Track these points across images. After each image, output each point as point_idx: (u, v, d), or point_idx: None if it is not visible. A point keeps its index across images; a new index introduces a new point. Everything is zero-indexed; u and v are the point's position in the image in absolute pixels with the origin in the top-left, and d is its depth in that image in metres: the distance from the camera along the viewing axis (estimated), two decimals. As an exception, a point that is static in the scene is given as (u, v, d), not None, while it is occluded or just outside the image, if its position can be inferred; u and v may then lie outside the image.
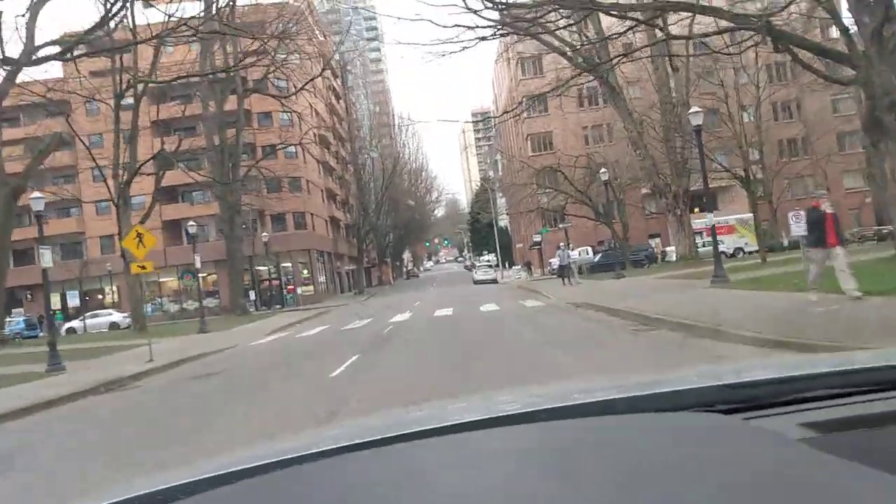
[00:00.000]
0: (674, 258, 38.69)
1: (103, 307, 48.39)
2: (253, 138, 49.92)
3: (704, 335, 9.15)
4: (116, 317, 39.25)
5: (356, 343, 14.70)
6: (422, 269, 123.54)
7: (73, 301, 49.70)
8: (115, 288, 50.62)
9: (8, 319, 41.02)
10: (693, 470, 0.79)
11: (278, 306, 47.68)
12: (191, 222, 27.65)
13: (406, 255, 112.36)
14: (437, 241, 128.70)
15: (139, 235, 16.91)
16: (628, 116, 29.03)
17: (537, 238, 48.43)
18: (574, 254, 25.34)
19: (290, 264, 50.67)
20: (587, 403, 1.15)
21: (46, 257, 16.65)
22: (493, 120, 39.77)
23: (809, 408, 1.06)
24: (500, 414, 1.11)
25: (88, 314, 40.88)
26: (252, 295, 39.71)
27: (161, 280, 51.21)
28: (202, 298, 27.54)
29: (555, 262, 41.58)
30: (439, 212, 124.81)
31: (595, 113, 50.19)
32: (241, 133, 37.08)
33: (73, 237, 50.75)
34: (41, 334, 41.28)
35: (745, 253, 41.79)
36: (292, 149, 50.67)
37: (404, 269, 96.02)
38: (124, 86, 27.81)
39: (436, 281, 65.58)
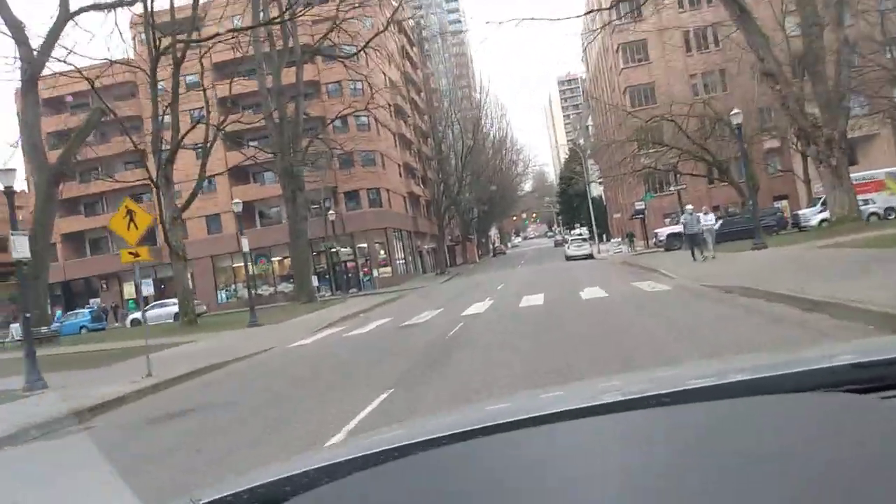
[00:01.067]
0: (814, 222, 31.91)
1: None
2: (322, 110, 46.39)
3: None
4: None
5: (404, 356, 10.15)
6: (509, 245, 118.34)
7: (149, 289, 48.09)
8: (189, 274, 48.74)
9: (75, 311, 39.60)
10: (828, 452, 0.74)
11: (353, 290, 44.15)
12: (235, 200, 23.99)
13: (493, 232, 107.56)
14: (524, 215, 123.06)
15: (129, 213, 13.00)
16: (763, 42, 22.79)
17: (640, 205, 42.35)
18: (709, 218, 19.48)
19: (365, 244, 47.00)
20: (707, 387, 1.05)
21: (20, 245, 13.03)
22: (584, 43, 33.36)
23: None
24: (609, 401, 1.03)
25: (153, 304, 38.62)
26: (316, 280, 36.07)
27: (235, 265, 48.86)
28: (253, 287, 24.03)
29: (663, 232, 35.61)
30: (527, 185, 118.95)
31: (705, 57, 43.15)
32: (302, 102, 33.20)
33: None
34: (115, 325, 39.56)
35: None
36: (364, 120, 46.78)
37: (491, 246, 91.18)
38: (160, 46, 24.31)
39: (524, 258, 60.36)
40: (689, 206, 19.28)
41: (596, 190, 68.75)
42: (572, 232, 65.16)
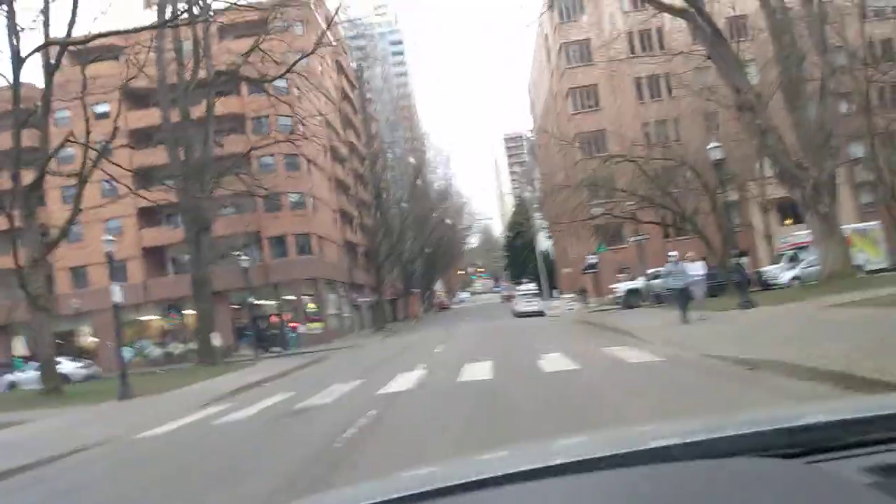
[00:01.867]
0: (783, 279, 29.20)
1: (81, 352, 40.58)
2: (246, 146, 42.18)
3: None
4: (67, 367, 31.06)
5: (262, 480, 5.94)
6: (456, 300, 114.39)
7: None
8: (89, 328, 42.83)
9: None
10: None
11: (277, 349, 39.15)
12: (105, 236, 19.24)
13: (439, 287, 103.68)
14: (470, 269, 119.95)
15: None
16: (739, 73, 20.05)
17: (592, 259, 39.28)
18: (697, 267, 15.73)
19: (293, 297, 42.24)
20: (641, 451, 1.06)
21: None
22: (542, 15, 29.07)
23: (875, 451, 0.99)
24: (551, 464, 1.02)
25: (34, 365, 32.66)
26: (218, 339, 30.52)
27: (143, 318, 43.16)
28: (120, 347, 19.24)
29: (621, 288, 32.36)
30: (473, 241, 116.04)
31: (658, 105, 41.12)
32: (210, 130, 28.99)
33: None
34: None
35: (867, 272, 32.03)
36: (294, 159, 42.79)
37: (435, 302, 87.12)
38: (21, 46, 19.94)
39: (469, 314, 56.43)
40: (674, 252, 15.69)
41: (544, 243, 66.06)
42: (519, 287, 61.82)
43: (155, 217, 42.00)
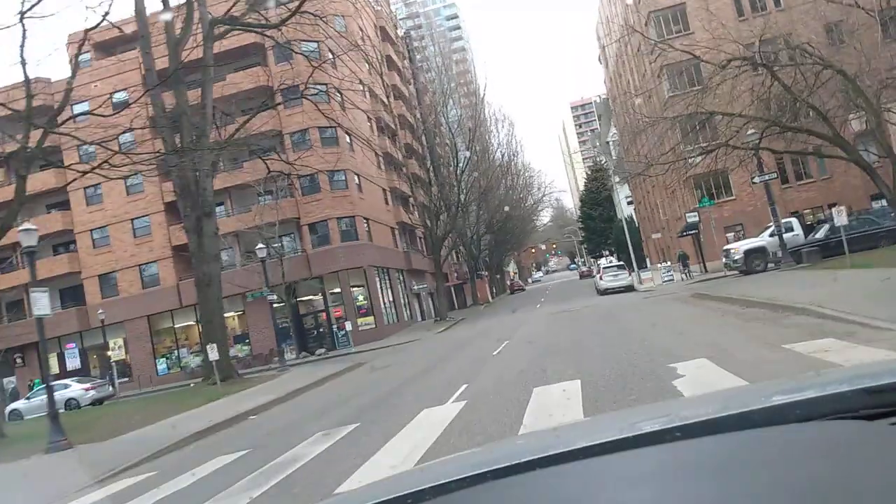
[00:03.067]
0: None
1: (110, 368, 36.50)
2: (278, 123, 37.06)
3: None
4: (76, 390, 26.65)
5: None
6: (530, 280, 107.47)
7: (74, 362, 38.21)
8: (121, 342, 38.79)
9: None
10: (842, 481, 0.75)
11: (321, 350, 33.90)
12: (25, 226, 13.80)
13: (511, 267, 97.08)
14: (544, 247, 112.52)
15: None
16: None
17: (692, 217, 31.88)
18: None
19: (339, 290, 36.85)
20: (723, 417, 1.04)
21: None
22: None
23: None
24: (632, 434, 1.03)
25: (39, 388, 28.52)
26: (210, 353, 25.13)
27: (178, 326, 38.76)
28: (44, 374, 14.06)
29: (739, 248, 25.08)
30: (545, 217, 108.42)
31: (763, 21, 32.97)
32: (210, 87, 23.57)
33: (69, 279, 39.16)
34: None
35: None
36: (330, 133, 37.27)
37: (507, 283, 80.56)
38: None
39: (545, 294, 49.61)
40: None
41: (626, 209, 58.35)
42: (600, 261, 54.64)
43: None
